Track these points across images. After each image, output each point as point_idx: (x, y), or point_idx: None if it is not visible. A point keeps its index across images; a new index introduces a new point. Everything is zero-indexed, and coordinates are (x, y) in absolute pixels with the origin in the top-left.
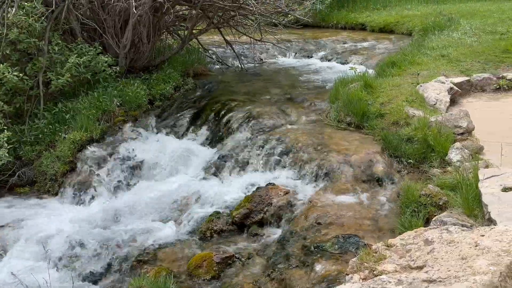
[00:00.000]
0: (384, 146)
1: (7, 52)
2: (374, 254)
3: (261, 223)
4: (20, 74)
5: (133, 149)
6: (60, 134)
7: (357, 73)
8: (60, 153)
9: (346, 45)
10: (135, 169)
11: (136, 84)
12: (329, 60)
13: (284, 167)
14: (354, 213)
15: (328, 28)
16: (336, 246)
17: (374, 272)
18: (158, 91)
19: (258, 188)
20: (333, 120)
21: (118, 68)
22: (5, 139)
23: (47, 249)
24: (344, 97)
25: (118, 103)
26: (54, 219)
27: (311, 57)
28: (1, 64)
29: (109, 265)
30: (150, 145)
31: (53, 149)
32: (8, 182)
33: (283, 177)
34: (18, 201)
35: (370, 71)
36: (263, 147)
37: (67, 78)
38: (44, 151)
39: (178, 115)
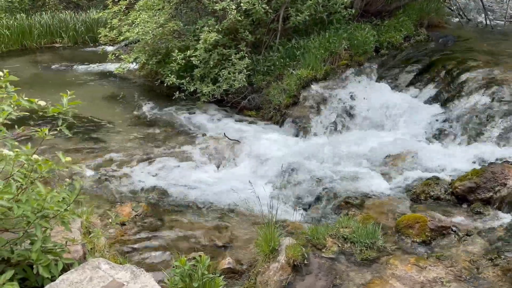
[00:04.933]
0: None
1: None
2: None
3: (487, 202)
4: (266, 7)
5: (352, 95)
6: (288, 69)
7: None
8: (286, 86)
9: None
10: (352, 114)
11: (366, 29)
12: None
13: None
14: None
15: None
16: None
17: None
18: (387, 38)
19: (491, 163)
20: None
21: (352, 11)
22: (245, 65)
23: (279, 168)
24: None
25: (345, 46)
26: (274, 144)
27: None
28: None
29: (318, 197)
30: (370, 93)
31: (280, 81)
32: (239, 104)
33: None
34: (247, 122)
35: None
36: (504, 118)
37: (306, 15)
38: (272, 82)
39: (403, 66)
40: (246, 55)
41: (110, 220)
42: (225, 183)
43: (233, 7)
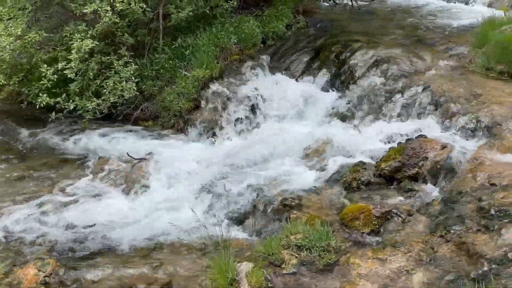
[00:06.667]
0: None
1: None
2: None
3: (415, 178)
4: (144, 5)
5: (254, 90)
6: (180, 70)
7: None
8: (183, 89)
9: None
10: (258, 110)
11: (251, 21)
12: (447, 1)
13: (428, 117)
14: None
15: None
16: None
17: None
18: (271, 29)
19: (408, 139)
20: (480, 67)
21: (234, 3)
22: (131, 72)
23: (199, 183)
24: (495, 42)
25: (234, 41)
26: (185, 155)
27: None
28: None
29: (254, 206)
30: (270, 86)
31: (173, 85)
32: (132, 116)
33: (428, 129)
34: (145, 135)
35: None
36: (401, 94)
37: (189, 12)
38: (165, 87)
39: (293, 55)
40: (130, 60)
41: None
42: (142, 212)
43: (108, 8)
